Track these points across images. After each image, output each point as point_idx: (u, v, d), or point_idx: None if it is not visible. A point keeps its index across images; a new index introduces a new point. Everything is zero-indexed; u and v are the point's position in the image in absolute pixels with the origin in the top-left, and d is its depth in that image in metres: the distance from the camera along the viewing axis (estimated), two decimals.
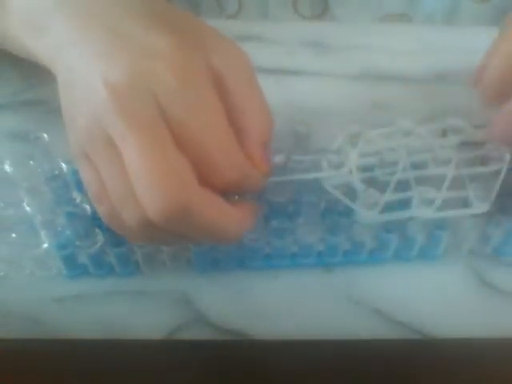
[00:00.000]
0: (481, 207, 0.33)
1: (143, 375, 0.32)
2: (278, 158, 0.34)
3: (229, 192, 0.30)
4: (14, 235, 0.34)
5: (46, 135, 0.36)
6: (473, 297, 0.35)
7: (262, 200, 0.34)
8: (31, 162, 0.36)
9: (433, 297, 0.35)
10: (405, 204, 0.34)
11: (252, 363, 0.33)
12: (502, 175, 0.34)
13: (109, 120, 0.27)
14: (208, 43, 0.30)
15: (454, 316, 0.35)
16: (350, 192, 0.34)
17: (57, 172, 0.36)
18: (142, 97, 0.27)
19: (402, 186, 0.34)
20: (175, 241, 0.31)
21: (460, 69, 0.49)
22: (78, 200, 0.35)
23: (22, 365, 0.32)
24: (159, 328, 0.34)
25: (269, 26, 0.53)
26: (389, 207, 0.33)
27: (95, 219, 0.34)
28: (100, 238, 0.33)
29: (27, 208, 0.34)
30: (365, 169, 0.35)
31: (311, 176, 0.34)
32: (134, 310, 0.34)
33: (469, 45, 0.51)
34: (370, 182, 0.34)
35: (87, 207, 0.34)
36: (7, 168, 0.36)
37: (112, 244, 0.33)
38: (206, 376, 0.33)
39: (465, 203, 0.34)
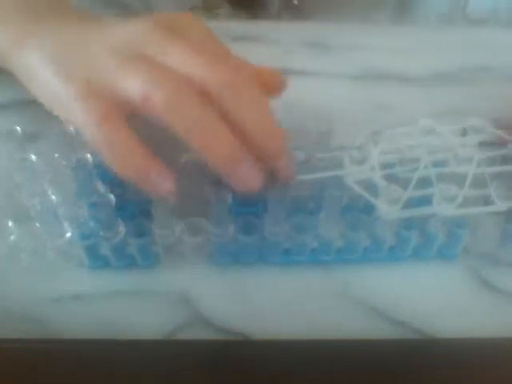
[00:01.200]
0: (502, 205, 0.33)
1: (143, 375, 0.32)
2: (299, 156, 0.35)
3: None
4: (37, 225, 0.34)
5: (72, 128, 0.37)
6: (473, 297, 0.35)
7: (284, 195, 0.35)
8: (56, 155, 0.36)
9: (433, 297, 0.35)
10: (425, 202, 0.34)
11: (252, 363, 0.33)
12: None
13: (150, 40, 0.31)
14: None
15: (454, 316, 0.35)
16: (372, 188, 0.34)
17: (83, 162, 0.37)
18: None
19: (423, 184, 0.34)
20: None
21: (460, 69, 0.49)
22: (101, 190, 0.35)
23: (22, 365, 0.32)
24: (159, 328, 0.34)
25: (269, 25, 0.53)
26: (410, 204, 0.33)
27: (119, 209, 0.34)
28: (122, 228, 0.33)
29: (52, 197, 0.35)
30: (386, 166, 0.36)
31: (333, 173, 0.34)
32: (134, 310, 0.34)
33: (469, 45, 0.51)
34: (392, 179, 0.35)
35: (112, 197, 0.35)
36: (33, 158, 0.36)
37: (134, 235, 0.33)
38: (206, 376, 0.33)
39: (486, 202, 0.34)
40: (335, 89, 0.47)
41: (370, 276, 0.36)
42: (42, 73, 0.34)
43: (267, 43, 0.51)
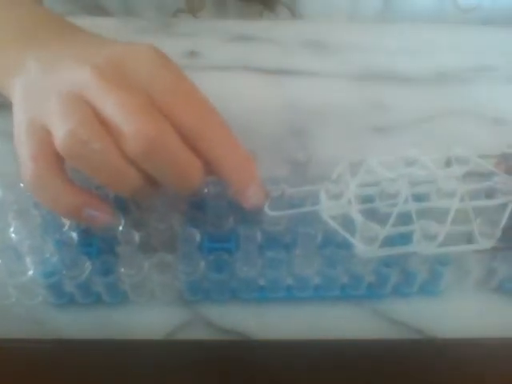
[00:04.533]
0: (485, 243, 0.32)
1: (143, 375, 0.32)
2: (275, 191, 0.33)
3: None
4: None
5: None
6: (473, 297, 0.35)
7: (258, 229, 0.33)
8: (21, 185, 0.35)
9: (433, 297, 0.35)
10: (406, 237, 0.32)
11: (252, 363, 0.33)
12: (510, 209, 0.33)
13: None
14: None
15: (454, 316, 0.35)
16: (349, 223, 0.33)
17: None
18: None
19: (404, 218, 0.32)
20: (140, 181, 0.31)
21: (460, 69, 0.49)
22: (66, 227, 0.34)
23: (22, 365, 0.32)
24: (159, 328, 0.34)
25: (268, 26, 0.53)
26: (389, 240, 0.32)
27: (83, 246, 0.34)
28: (88, 266, 0.32)
29: (12, 235, 0.34)
30: (365, 199, 0.34)
31: (310, 209, 0.33)
32: (134, 310, 0.34)
33: (469, 45, 0.51)
34: (371, 214, 0.33)
35: (74, 235, 0.34)
36: None
37: (100, 273, 0.32)
38: (206, 376, 0.33)
39: (469, 238, 0.33)
40: (334, 89, 0.47)
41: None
42: (14, 106, 0.34)
43: (267, 43, 0.51)
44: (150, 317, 0.34)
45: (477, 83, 0.48)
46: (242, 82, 0.48)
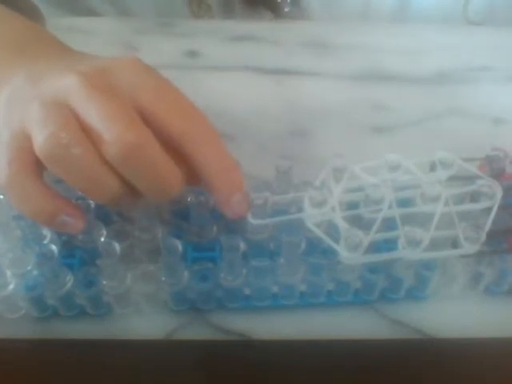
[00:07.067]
0: (470, 248, 0.32)
1: (143, 375, 0.32)
2: (258, 199, 0.33)
3: None
4: None
5: None
6: (473, 297, 0.35)
7: (242, 238, 0.33)
8: (1, 196, 0.35)
9: (433, 297, 0.35)
10: (391, 242, 0.32)
11: (252, 363, 0.33)
12: (494, 213, 0.33)
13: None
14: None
15: (454, 316, 0.35)
16: (334, 230, 0.33)
17: None
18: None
19: (388, 223, 0.32)
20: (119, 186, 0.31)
21: (460, 69, 0.49)
22: (47, 240, 0.34)
23: (22, 365, 0.32)
24: (159, 328, 0.34)
25: (269, 25, 0.53)
26: (374, 246, 0.32)
27: (64, 258, 0.33)
28: (69, 278, 0.32)
29: None
30: (349, 206, 0.34)
31: (292, 217, 0.33)
32: (134, 310, 0.34)
33: (469, 45, 0.52)
34: (355, 220, 0.33)
35: (54, 248, 0.33)
36: None
37: (82, 285, 0.32)
38: (206, 376, 0.33)
39: (454, 242, 0.33)
40: (334, 89, 0.47)
41: None
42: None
43: (267, 43, 0.51)
44: (150, 317, 0.34)
45: (477, 83, 0.48)
46: (242, 82, 0.48)
